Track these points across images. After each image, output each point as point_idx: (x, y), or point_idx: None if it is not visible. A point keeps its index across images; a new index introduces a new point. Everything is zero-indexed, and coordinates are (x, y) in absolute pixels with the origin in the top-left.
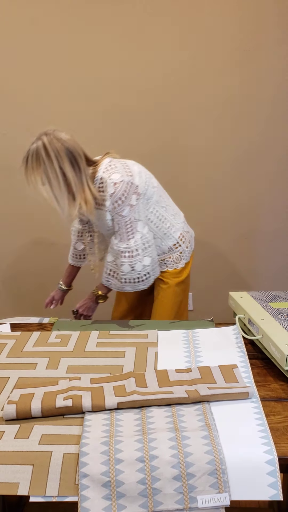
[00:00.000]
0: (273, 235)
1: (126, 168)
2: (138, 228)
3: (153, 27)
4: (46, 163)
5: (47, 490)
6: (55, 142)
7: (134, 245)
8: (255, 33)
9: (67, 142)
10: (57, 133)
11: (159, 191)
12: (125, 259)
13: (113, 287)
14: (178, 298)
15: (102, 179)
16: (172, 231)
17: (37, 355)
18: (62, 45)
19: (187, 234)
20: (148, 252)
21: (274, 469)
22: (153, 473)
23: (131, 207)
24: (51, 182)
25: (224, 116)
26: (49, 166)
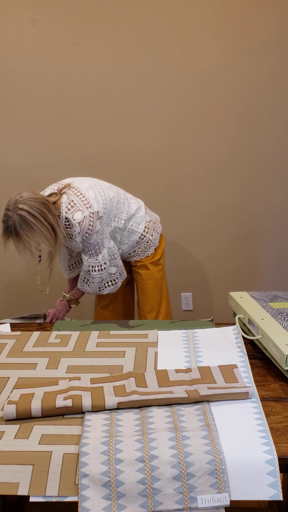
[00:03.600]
0: (273, 235)
1: (84, 201)
2: (104, 244)
3: (152, 27)
4: (37, 224)
5: (47, 490)
6: (31, 203)
7: (102, 260)
8: (254, 33)
9: (37, 197)
10: (24, 195)
11: (115, 197)
12: (95, 273)
13: (86, 291)
14: (159, 275)
15: (67, 219)
16: (135, 227)
17: (37, 355)
18: (62, 45)
19: (150, 223)
20: (115, 262)
21: (274, 469)
22: (153, 473)
23: (97, 233)
24: (47, 237)
25: (225, 116)
26: (40, 225)
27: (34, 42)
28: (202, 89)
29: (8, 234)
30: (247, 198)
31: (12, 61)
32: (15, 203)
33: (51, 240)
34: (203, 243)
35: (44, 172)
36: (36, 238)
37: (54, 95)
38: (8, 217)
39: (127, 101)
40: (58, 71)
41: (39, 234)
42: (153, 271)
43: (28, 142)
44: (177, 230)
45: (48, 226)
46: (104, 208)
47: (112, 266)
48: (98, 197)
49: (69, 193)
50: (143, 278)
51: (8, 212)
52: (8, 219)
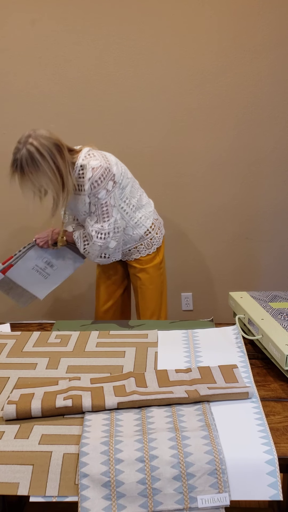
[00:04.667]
0: (273, 235)
1: (105, 157)
2: (113, 213)
3: (152, 27)
4: (43, 164)
5: (47, 490)
6: (43, 141)
7: (107, 228)
8: (254, 33)
9: (52, 137)
10: (38, 132)
11: (132, 182)
12: (97, 239)
13: (79, 248)
14: (160, 280)
15: (82, 166)
16: (143, 221)
17: (37, 355)
18: (62, 45)
19: (157, 221)
20: (117, 236)
21: (274, 469)
22: (153, 473)
23: (107, 192)
24: (52, 180)
25: (225, 116)
26: (46, 166)
27: (34, 42)
28: (202, 89)
29: (14, 168)
30: (247, 198)
31: (12, 61)
32: (28, 137)
33: (56, 186)
34: (203, 243)
35: None
36: (40, 179)
37: (54, 95)
38: (18, 149)
39: (127, 101)
40: (58, 71)
41: (44, 175)
42: (154, 275)
43: None
44: (177, 230)
45: (55, 169)
46: (120, 177)
47: (113, 240)
48: (118, 165)
49: (92, 149)
50: (144, 283)
51: (18, 145)
52: (17, 152)
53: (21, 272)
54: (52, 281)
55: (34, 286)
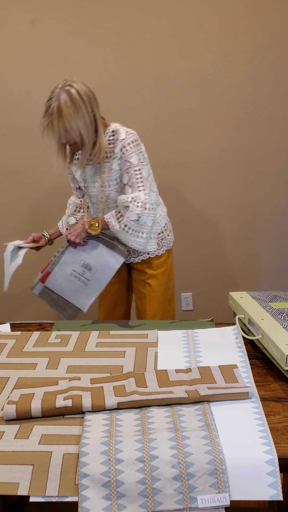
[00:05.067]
0: (273, 235)
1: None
2: (147, 186)
3: (152, 27)
4: (82, 107)
5: (47, 490)
6: (82, 86)
7: (143, 197)
8: (254, 33)
9: (88, 87)
10: (75, 80)
11: (152, 176)
12: (134, 207)
13: (110, 227)
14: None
15: (114, 131)
16: (159, 219)
17: (37, 355)
18: (62, 45)
19: (169, 224)
20: (151, 214)
21: (274, 469)
22: (153, 473)
23: (139, 159)
24: (87, 127)
25: (225, 116)
26: (85, 109)
27: (34, 42)
28: (202, 89)
29: (49, 114)
30: (247, 198)
31: (12, 61)
32: (65, 82)
33: (91, 133)
34: (203, 243)
35: (44, 172)
36: (77, 121)
37: None
38: (54, 95)
39: (127, 101)
40: (58, 71)
41: (82, 119)
42: (164, 281)
43: (28, 142)
44: (177, 230)
45: (92, 116)
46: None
47: (150, 216)
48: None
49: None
50: (154, 289)
51: (55, 90)
52: (53, 97)
53: (60, 280)
54: (93, 287)
55: (75, 295)
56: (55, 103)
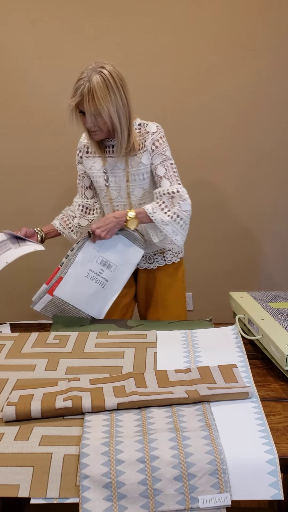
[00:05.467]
0: (273, 235)
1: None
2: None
3: (153, 27)
4: (115, 90)
5: (48, 491)
6: (114, 69)
7: (183, 191)
8: (254, 33)
9: (120, 71)
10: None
11: None
12: (187, 197)
13: (154, 218)
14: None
15: (141, 124)
16: None
17: (35, 356)
18: (62, 45)
19: None
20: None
21: (274, 468)
22: (154, 474)
23: (170, 154)
24: (120, 113)
25: (225, 116)
26: (118, 92)
27: (34, 42)
28: (202, 89)
29: (79, 95)
30: (247, 198)
31: (12, 61)
32: (97, 63)
33: (124, 120)
34: (203, 243)
35: (44, 173)
36: (109, 105)
37: (54, 95)
38: (84, 76)
39: None
40: (58, 71)
41: (114, 102)
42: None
43: (28, 142)
44: None
45: (125, 101)
46: None
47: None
48: None
49: None
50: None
51: (85, 71)
52: (83, 77)
53: (72, 285)
54: (112, 288)
55: (90, 303)
56: (86, 83)
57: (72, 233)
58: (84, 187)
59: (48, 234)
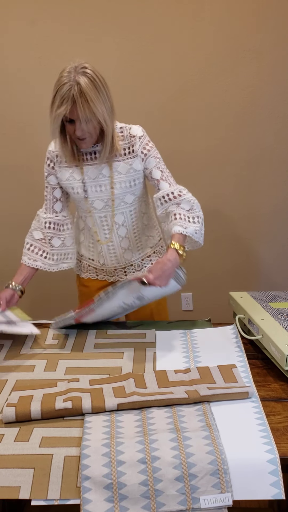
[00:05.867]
0: (273, 235)
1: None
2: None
3: (153, 27)
4: (102, 89)
5: (49, 493)
6: (94, 69)
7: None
8: (256, 32)
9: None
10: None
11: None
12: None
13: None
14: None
15: (122, 127)
16: (157, 224)
17: (34, 357)
18: (62, 45)
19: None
20: None
21: (275, 468)
22: (155, 474)
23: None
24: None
25: (225, 116)
26: (105, 91)
27: (34, 42)
28: (201, 89)
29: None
30: (247, 198)
31: (12, 61)
32: (77, 66)
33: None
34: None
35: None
36: (102, 105)
37: None
38: (68, 80)
39: (126, 101)
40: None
41: (104, 102)
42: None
43: (28, 142)
44: None
45: (109, 98)
46: None
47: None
48: None
49: None
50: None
51: (68, 75)
52: (67, 82)
53: (99, 313)
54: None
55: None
56: (75, 87)
57: (46, 259)
58: (53, 200)
59: (24, 282)
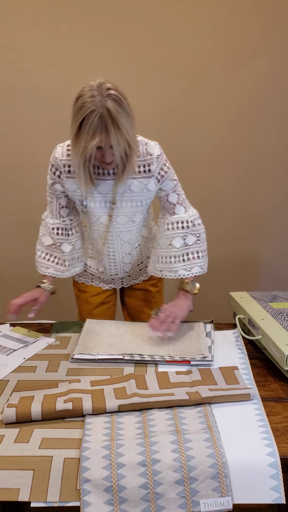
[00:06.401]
0: (273, 235)
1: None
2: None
3: (153, 27)
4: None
5: (48, 495)
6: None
7: (197, 216)
8: (256, 32)
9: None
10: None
11: None
12: (200, 226)
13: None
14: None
15: (140, 143)
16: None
17: (36, 358)
18: (62, 45)
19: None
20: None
21: (276, 472)
22: (155, 478)
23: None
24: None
25: (225, 116)
26: (129, 111)
27: (34, 42)
28: (201, 89)
29: (102, 130)
30: (247, 198)
31: (12, 61)
32: (100, 85)
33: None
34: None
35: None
36: (131, 129)
37: (54, 95)
38: (96, 106)
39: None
40: (58, 71)
41: (132, 124)
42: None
43: (28, 142)
44: None
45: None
46: None
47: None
48: None
49: None
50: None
51: (93, 99)
52: (97, 108)
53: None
54: None
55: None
56: (106, 115)
57: (58, 265)
58: (58, 206)
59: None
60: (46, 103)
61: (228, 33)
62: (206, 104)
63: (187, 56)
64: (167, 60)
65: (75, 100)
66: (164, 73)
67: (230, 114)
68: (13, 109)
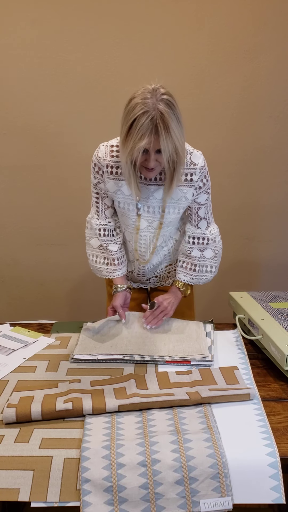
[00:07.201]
0: (273, 235)
1: None
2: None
3: (152, 27)
4: (179, 115)
5: (48, 495)
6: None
7: (217, 233)
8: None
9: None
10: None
11: None
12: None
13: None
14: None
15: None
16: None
17: (36, 358)
18: (62, 45)
19: None
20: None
21: (276, 472)
22: (155, 478)
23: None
24: (182, 141)
25: (224, 116)
26: (180, 116)
27: (34, 42)
28: (201, 89)
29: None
30: (247, 198)
31: (12, 61)
32: (155, 89)
33: (184, 151)
34: None
35: (44, 173)
36: (181, 136)
37: (54, 95)
38: (149, 108)
39: (127, 100)
40: (58, 71)
41: (181, 130)
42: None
43: (28, 142)
44: None
45: (183, 128)
46: None
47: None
48: None
49: None
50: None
51: (145, 101)
52: (149, 110)
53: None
54: None
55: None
56: (158, 117)
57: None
58: (104, 206)
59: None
60: (46, 103)
61: (228, 34)
62: (206, 104)
63: (186, 56)
64: (167, 61)
65: (128, 101)
66: (163, 73)
67: (230, 114)
68: (13, 109)
